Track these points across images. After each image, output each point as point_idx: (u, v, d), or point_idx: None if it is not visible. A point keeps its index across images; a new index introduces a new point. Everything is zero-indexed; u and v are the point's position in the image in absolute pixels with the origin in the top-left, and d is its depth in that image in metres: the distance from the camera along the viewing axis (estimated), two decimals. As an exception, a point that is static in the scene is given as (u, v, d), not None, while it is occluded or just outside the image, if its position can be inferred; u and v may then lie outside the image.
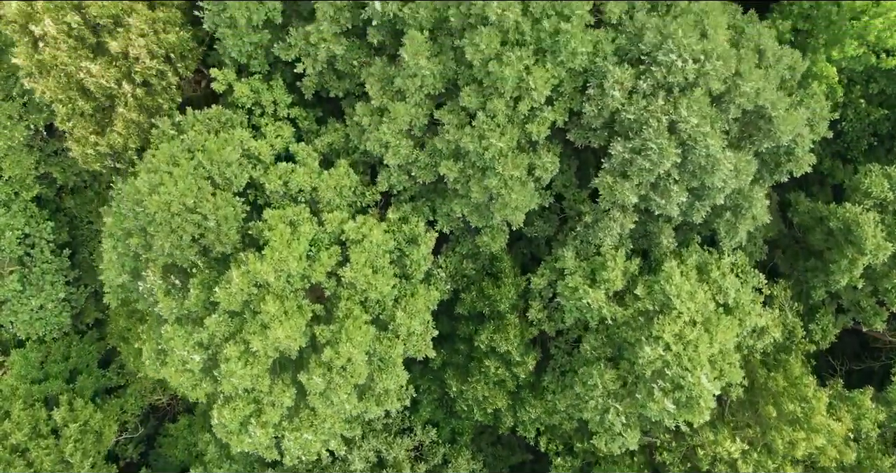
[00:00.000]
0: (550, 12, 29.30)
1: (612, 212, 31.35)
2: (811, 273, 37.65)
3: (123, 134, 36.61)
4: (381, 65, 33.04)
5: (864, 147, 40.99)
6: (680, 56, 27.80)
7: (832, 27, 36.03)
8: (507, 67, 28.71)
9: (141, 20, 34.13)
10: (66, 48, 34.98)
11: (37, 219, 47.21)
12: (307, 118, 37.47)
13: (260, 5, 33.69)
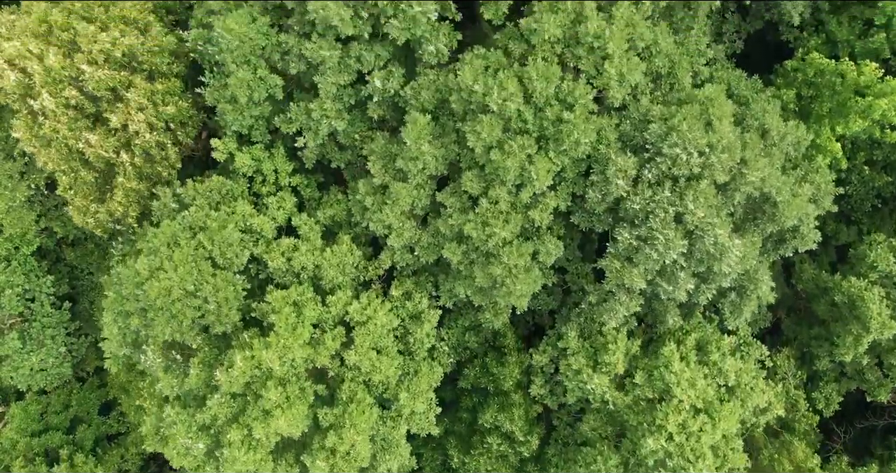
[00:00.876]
0: (553, 101, 29.12)
1: (618, 294, 31.20)
2: (815, 341, 37.53)
3: (123, 203, 36.40)
4: (382, 141, 32.86)
5: (868, 208, 40.82)
6: (685, 149, 27.61)
7: (836, 96, 35.85)
8: (509, 158, 28.53)
9: (140, 94, 33.89)
10: (66, 120, 34.74)
11: (37, 273, 46.99)
12: (309, 185, 37.25)
13: (261, 82, 33.48)
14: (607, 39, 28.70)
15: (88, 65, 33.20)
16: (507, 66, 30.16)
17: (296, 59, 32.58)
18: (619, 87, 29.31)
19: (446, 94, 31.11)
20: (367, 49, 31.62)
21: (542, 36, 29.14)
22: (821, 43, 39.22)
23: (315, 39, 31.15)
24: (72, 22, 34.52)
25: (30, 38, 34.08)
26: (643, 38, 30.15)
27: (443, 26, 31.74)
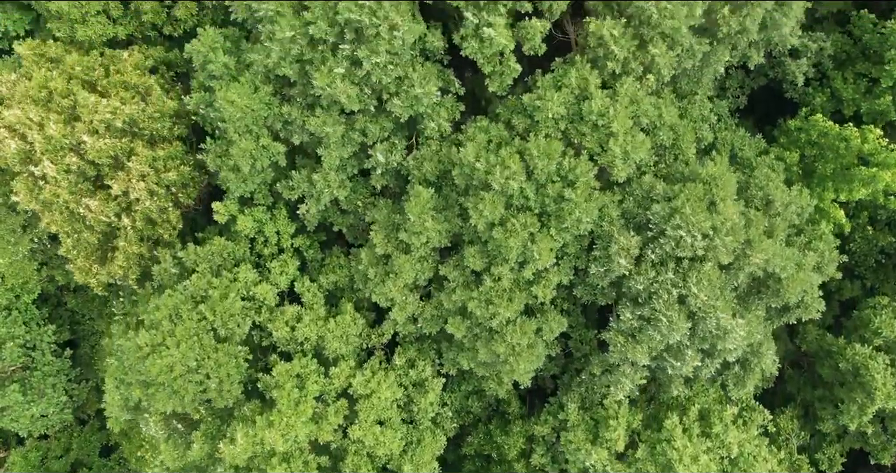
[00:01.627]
0: (555, 178, 28.98)
1: (622, 366, 31.10)
2: (819, 403, 37.43)
3: (124, 266, 36.28)
4: (385, 210, 32.71)
5: (871, 264, 40.68)
6: (689, 232, 27.48)
7: (839, 160, 35.68)
8: (511, 237, 28.39)
9: (141, 162, 33.73)
10: (67, 184, 34.58)
11: (38, 322, 46.94)
12: (311, 246, 37.13)
13: (264, 150, 33.33)
14: (612, 118, 28.56)
15: (89, 135, 33.05)
16: (509, 141, 30.01)
17: (299, 129, 32.43)
18: (623, 166, 29.17)
19: (449, 166, 30.97)
20: (372, 122, 31.45)
21: (545, 114, 28.98)
22: (825, 100, 39.08)
23: (319, 114, 30.98)
24: (72, 88, 34.39)
25: (30, 104, 33.94)
26: (647, 114, 30.00)
27: (446, 100, 31.57)
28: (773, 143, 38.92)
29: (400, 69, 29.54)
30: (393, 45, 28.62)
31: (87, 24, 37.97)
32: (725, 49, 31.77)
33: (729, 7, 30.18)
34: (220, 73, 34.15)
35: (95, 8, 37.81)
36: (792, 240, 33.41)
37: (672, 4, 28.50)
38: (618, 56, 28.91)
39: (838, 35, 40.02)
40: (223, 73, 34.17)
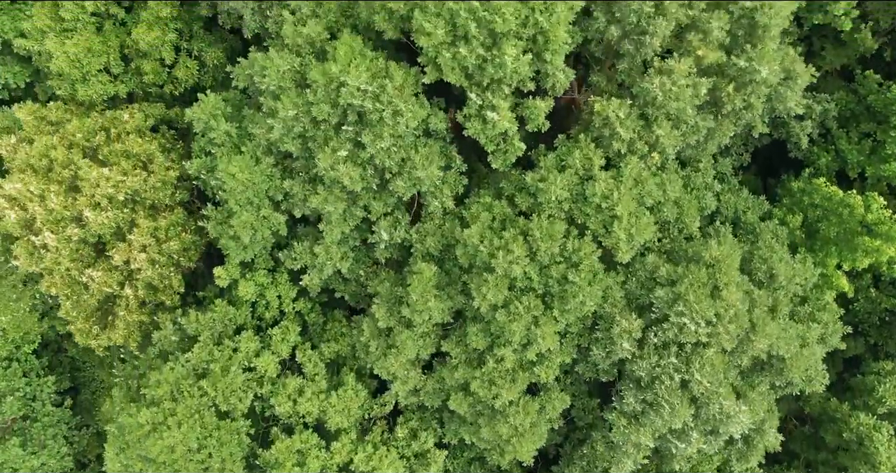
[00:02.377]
0: (559, 259, 28.82)
1: (625, 446, 30.96)
2: (823, 466, 37.29)
3: (124, 333, 36.17)
4: (387, 283, 32.54)
5: (875, 321, 40.49)
6: (692, 319, 27.32)
7: (843, 225, 35.46)
8: (514, 321, 28.24)
9: (142, 233, 33.57)
10: (68, 252, 34.42)
11: (38, 372, 46.77)
12: (313, 309, 36.98)
13: (265, 221, 33.18)
14: (616, 202, 28.37)
15: (90, 208, 32.87)
16: (512, 219, 29.83)
17: (300, 203, 32.24)
18: (627, 248, 28.99)
19: (452, 240, 30.82)
20: (375, 198, 31.28)
21: (548, 195, 28.81)
22: (830, 160, 38.87)
23: (321, 191, 30.79)
24: (73, 157, 34.20)
25: (31, 175, 33.75)
26: (652, 194, 29.82)
27: (448, 175, 31.39)
28: (776, 203, 38.70)
29: (403, 151, 29.38)
30: (396, 129, 28.42)
31: (87, 84, 37.85)
32: (730, 123, 31.59)
33: (734, 85, 30.00)
34: (222, 140, 34.02)
35: (96, 66, 37.68)
36: (796, 311, 33.25)
37: (677, 86, 28.33)
38: (623, 137, 28.74)
39: (843, 93, 39.81)
40: (224, 141, 34.05)
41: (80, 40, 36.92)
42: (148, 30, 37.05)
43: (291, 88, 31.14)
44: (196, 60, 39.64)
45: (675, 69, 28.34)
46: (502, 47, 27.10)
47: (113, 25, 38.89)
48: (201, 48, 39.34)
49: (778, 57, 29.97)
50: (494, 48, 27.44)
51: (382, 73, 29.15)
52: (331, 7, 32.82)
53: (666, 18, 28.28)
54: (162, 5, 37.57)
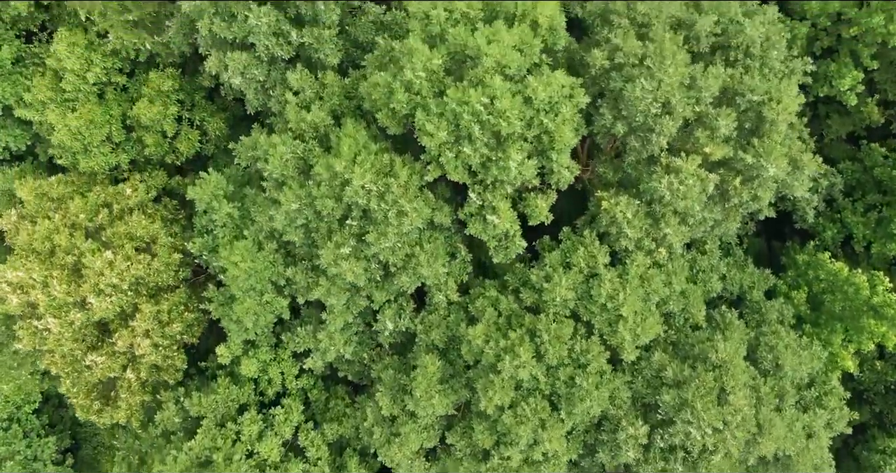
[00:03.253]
0: (566, 360, 28.63)
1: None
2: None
3: (126, 413, 35.98)
4: (391, 371, 32.34)
5: (881, 390, 40.34)
6: (699, 427, 27.16)
7: (848, 302, 35.25)
8: (522, 425, 28.06)
9: (145, 319, 33.35)
10: (70, 334, 34.20)
11: (38, 432, 46.58)
12: (315, 386, 36.80)
13: (268, 305, 32.97)
14: (621, 302, 28.17)
15: (94, 295, 32.63)
16: (519, 314, 29.63)
17: (303, 290, 32.03)
18: (632, 348, 28.79)
19: (456, 331, 30.63)
20: (378, 289, 31.08)
21: (553, 295, 28.60)
22: (835, 232, 38.67)
23: (323, 283, 30.58)
24: (76, 241, 33.95)
25: (33, 261, 33.49)
26: (658, 292, 29.62)
27: (453, 266, 31.18)
28: (780, 273, 38.48)
29: (408, 247, 29.17)
30: (401, 229, 28.20)
31: (89, 155, 37.63)
32: (737, 213, 31.38)
33: (741, 178, 29.79)
34: (224, 222, 33.82)
35: (98, 137, 37.46)
36: (802, 396, 33.09)
37: (685, 185, 28.11)
38: (630, 237, 28.54)
39: (849, 162, 39.63)
40: (226, 222, 33.84)
41: (83, 113, 36.71)
42: (149, 105, 36.82)
43: (294, 177, 30.93)
44: (198, 130, 39.41)
45: (682, 168, 28.12)
46: (507, 150, 26.88)
47: (115, 92, 38.68)
48: (203, 117, 39.11)
49: (785, 149, 29.75)
50: (499, 149, 27.22)
51: (387, 169, 28.92)
52: (334, 90, 32.63)
53: (672, 117, 28.07)
54: (164, 78, 37.34)
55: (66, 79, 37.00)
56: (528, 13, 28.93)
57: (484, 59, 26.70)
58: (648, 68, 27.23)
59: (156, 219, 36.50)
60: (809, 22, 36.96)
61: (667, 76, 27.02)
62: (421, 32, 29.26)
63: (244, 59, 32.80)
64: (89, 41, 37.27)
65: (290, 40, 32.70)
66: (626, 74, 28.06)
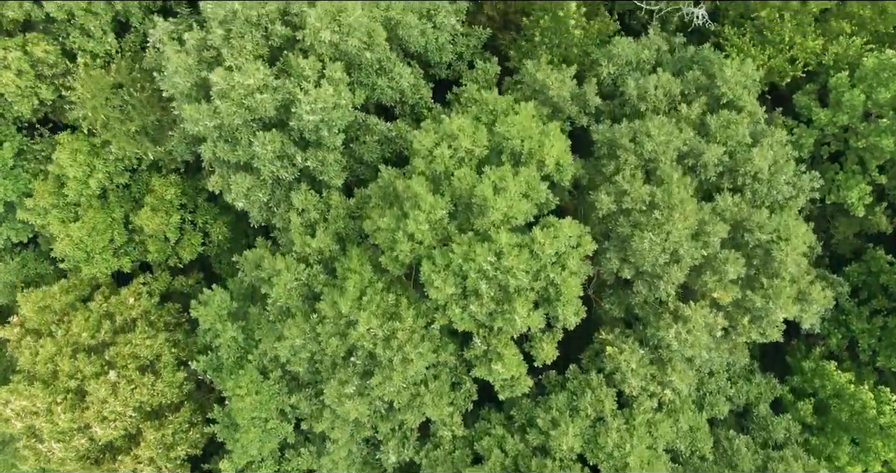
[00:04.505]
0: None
1: None
2: None
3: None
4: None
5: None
6: None
7: (855, 416, 35.11)
8: None
9: (150, 447, 33.22)
10: (74, 455, 34.08)
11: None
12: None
13: (272, 432, 32.85)
14: (628, 452, 28.04)
15: (98, 422, 32.50)
16: (526, 455, 29.50)
17: (307, 417, 31.89)
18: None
19: (462, 470, 30.49)
20: (382, 421, 30.95)
21: (559, 443, 28.45)
22: (841, 337, 38.49)
23: (327, 416, 30.46)
24: (79, 364, 33.78)
25: (37, 387, 33.31)
26: (665, 437, 29.48)
27: (458, 396, 31.02)
28: (786, 377, 38.31)
29: (413, 388, 29.03)
30: (405, 374, 28.05)
31: (92, 262, 37.44)
32: (745, 348, 31.21)
33: (749, 317, 29.59)
34: (228, 344, 33.67)
35: (101, 244, 37.29)
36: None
37: (691, 336, 27.92)
38: (635, 386, 28.38)
39: (855, 265, 39.38)
40: (230, 344, 33.69)
41: (85, 222, 36.53)
42: (152, 214, 36.62)
43: (299, 307, 30.77)
44: (200, 231, 39.20)
45: (690, 318, 27.92)
46: (513, 303, 26.67)
47: (117, 193, 38.47)
48: (206, 220, 38.88)
49: (794, 290, 29.54)
50: (505, 302, 27.02)
51: (392, 309, 28.73)
52: (339, 213, 32.40)
53: (680, 266, 27.85)
54: (167, 186, 37.14)
55: (68, 187, 36.79)
56: (535, 153, 28.65)
57: (491, 212, 26.44)
58: (657, 219, 26.98)
59: (159, 331, 36.31)
60: (817, 129, 36.64)
61: (675, 229, 26.78)
62: (425, 168, 29.02)
63: (248, 181, 32.60)
64: (91, 144, 37.07)
65: (294, 162, 32.50)
66: (634, 220, 27.82)
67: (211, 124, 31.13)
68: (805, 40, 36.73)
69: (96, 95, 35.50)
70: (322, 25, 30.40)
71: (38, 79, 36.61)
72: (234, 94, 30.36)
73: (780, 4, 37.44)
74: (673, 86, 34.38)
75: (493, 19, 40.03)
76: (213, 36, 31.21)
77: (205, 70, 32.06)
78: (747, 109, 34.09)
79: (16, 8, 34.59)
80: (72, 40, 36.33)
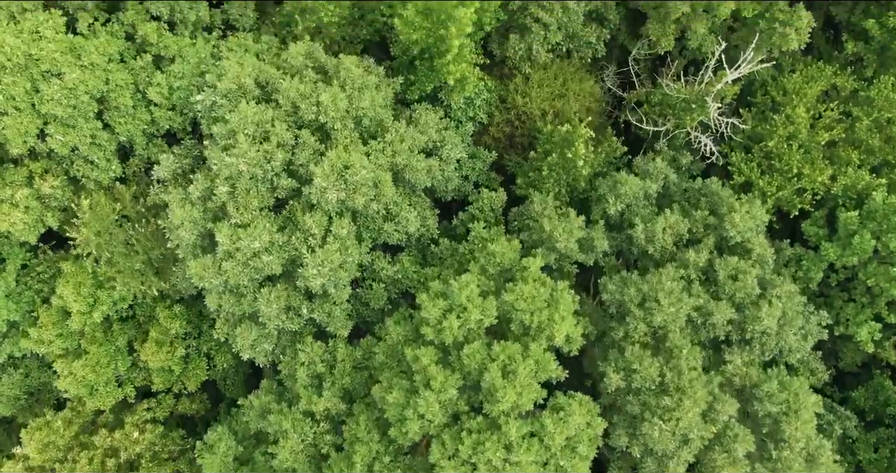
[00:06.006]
0: None
1: None
2: None
3: None
4: None
5: None
6: None
7: None
8: None
9: None
10: None
11: None
12: None
13: None
14: None
15: None
16: None
17: None
18: None
19: None
20: None
21: None
22: (847, 464, 38.35)
23: None
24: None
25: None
26: None
27: None
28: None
29: None
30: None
31: (96, 396, 37.25)
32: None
33: None
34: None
35: (105, 376, 37.14)
36: None
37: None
38: None
39: (862, 390, 39.27)
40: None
41: (88, 359, 36.36)
42: (157, 348, 36.40)
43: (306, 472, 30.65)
44: (205, 356, 39.02)
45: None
46: (524, 491, 26.55)
47: (121, 321, 38.30)
48: (210, 347, 38.69)
49: (803, 459, 29.42)
50: (516, 489, 26.88)
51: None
52: (345, 368, 32.26)
53: (689, 447, 27.70)
54: (171, 318, 36.92)
55: (72, 319, 36.56)
56: (545, 327, 28.45)
57: (500, 402, 26.26)
58: (667, 405, 26.82)
59: (163, 463, 36.18)
60: (826, 262, 36.45)
61: (685, 416, 26.63)
62: (434, 337, 28.84)
63: (253, 333, 32.42)
64: (95, 275, 36.85)
65: (300, 313, 32.33)
66: (643, 400, 27.67)
67: (216, 282, 30.93)
68: (813, 172, 36.52)
69: (101, 232, 35.29)
70: (328, 184, 30.16)
71: (44, 208, 36.40)
72: (240, 255, 30.16)
73: (787, 134, 37.25)
74: (681, 227, 34.23)
75: (499, 140, 39.79)
76: (218, 192, 30.95)
77: (210, 222, 31.88)
78: (756, 252, 33.96)
79: (19, 144, 34.31)
80: (76, 168, 36.09)
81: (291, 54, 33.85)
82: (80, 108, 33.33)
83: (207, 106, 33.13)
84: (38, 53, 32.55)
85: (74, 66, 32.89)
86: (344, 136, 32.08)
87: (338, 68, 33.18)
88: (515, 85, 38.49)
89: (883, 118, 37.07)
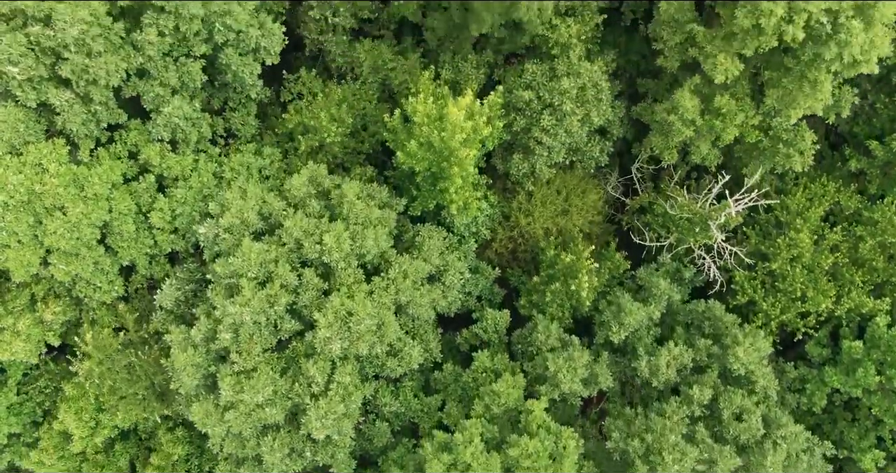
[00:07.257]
0: None
1: None
2: None
3: None
4: None
5: None
6: None
7: None
8: None
9: None
10: None
11: None
12: None
13: None
14: None
15: None
16: None
17: None
18: None
19: None
20: None
21: None
22: None
23: None
24: None
25: None
26: None
27: None
28: None
29: None
30: None
31: None
32: None
33: None
34: None
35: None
36: None
37: None
38: None
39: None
40: None
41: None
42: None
43: None
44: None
45: None
46: None
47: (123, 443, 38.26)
48: (212, 466, 38.53)
49: None
50: None
51: None
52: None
53: None
54: (175, 443, 36.79)
55: (73, 443, 36.46)
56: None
57: None
58: None
59: None
60: (829, 387, 36.36)
61: None
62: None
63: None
64: (97, 399, 36.76)
65: (303, 455, 32.25)
66: None
67: (218, 430, 30.84)
68: (817, 295, 36.41)
69: (102, 361, 35.21)
70: (332, 334, 30.08)
71: (45, 330, 36.31)
72: (243, 407, 30.08)
73: (791, 256, 37.16)
74: (685, 357, 34.18)
75: (501, 255, 39.72)
76: (221, 338, 30.84)
77: (213, 365, 31.80)
78: (760, 384, 33.92)
79: (22, 274, 34.21)
80: (79, 290, 35.97)
81: (294, 185, 33.77)
82: (82, 239, 33.19)
83: (210, 238, 33.05)
84: (41, 189, 32.37)
85: (77, 199, 32.71)
86: (347, 275, 31.98)
87: (341, 200, 33.00)
88: (518, 203, 38.39)
89: (887, 240, 36.98)
